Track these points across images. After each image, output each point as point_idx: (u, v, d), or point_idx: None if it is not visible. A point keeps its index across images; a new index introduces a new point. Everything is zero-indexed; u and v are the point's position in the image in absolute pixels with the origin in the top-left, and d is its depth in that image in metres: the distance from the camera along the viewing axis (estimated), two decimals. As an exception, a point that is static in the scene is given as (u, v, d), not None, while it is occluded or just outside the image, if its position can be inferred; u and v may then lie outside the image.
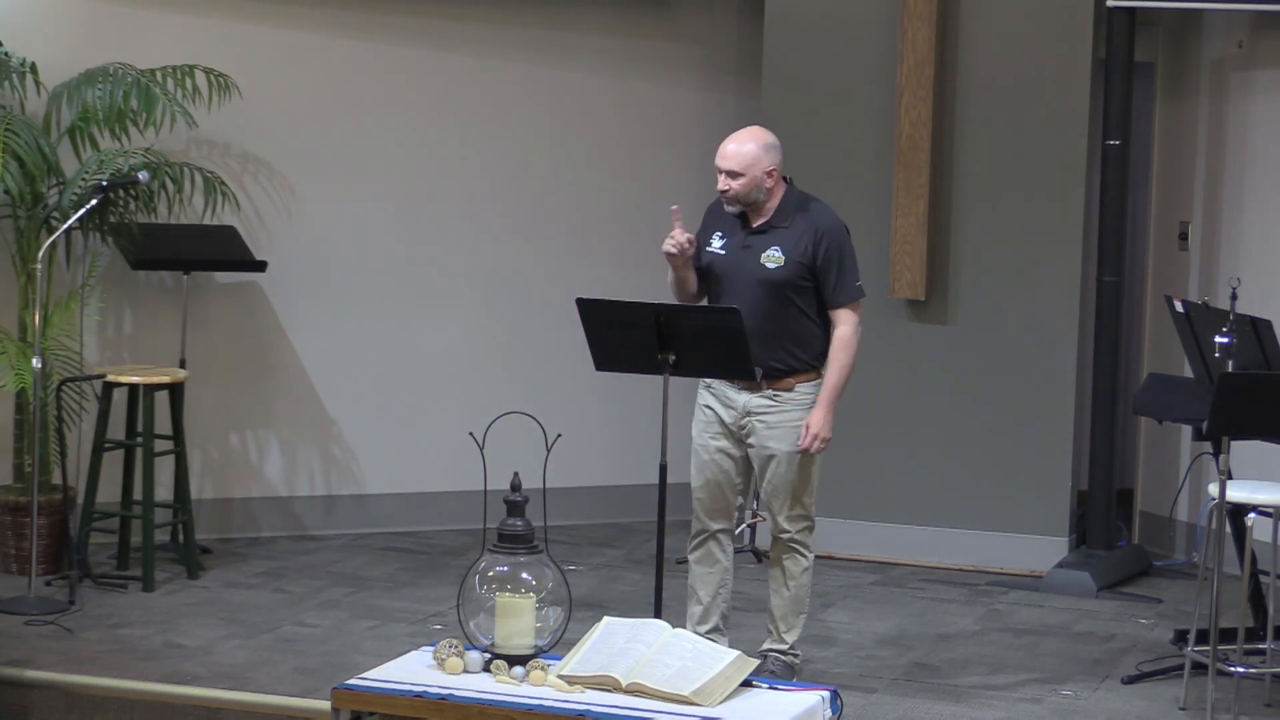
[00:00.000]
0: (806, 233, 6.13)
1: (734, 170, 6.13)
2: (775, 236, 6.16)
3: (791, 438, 6.15)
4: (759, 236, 6.19)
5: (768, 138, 6.21)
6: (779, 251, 6.15)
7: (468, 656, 4.88)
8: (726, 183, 6.15)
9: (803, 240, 6.13)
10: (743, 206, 6.19)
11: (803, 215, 6.17)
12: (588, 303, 6.31)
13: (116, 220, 7.68)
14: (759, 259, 6.15)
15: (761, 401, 6.18)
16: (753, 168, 6.13)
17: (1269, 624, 6.45)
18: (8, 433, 7.75)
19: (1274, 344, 6.27)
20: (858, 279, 6.21)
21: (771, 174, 6.16)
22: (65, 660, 6.35)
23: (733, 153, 6.15)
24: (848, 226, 6.28)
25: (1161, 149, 8.72)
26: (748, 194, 6.15)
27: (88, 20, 8.03)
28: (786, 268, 6.12)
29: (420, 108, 8.68)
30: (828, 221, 6.18)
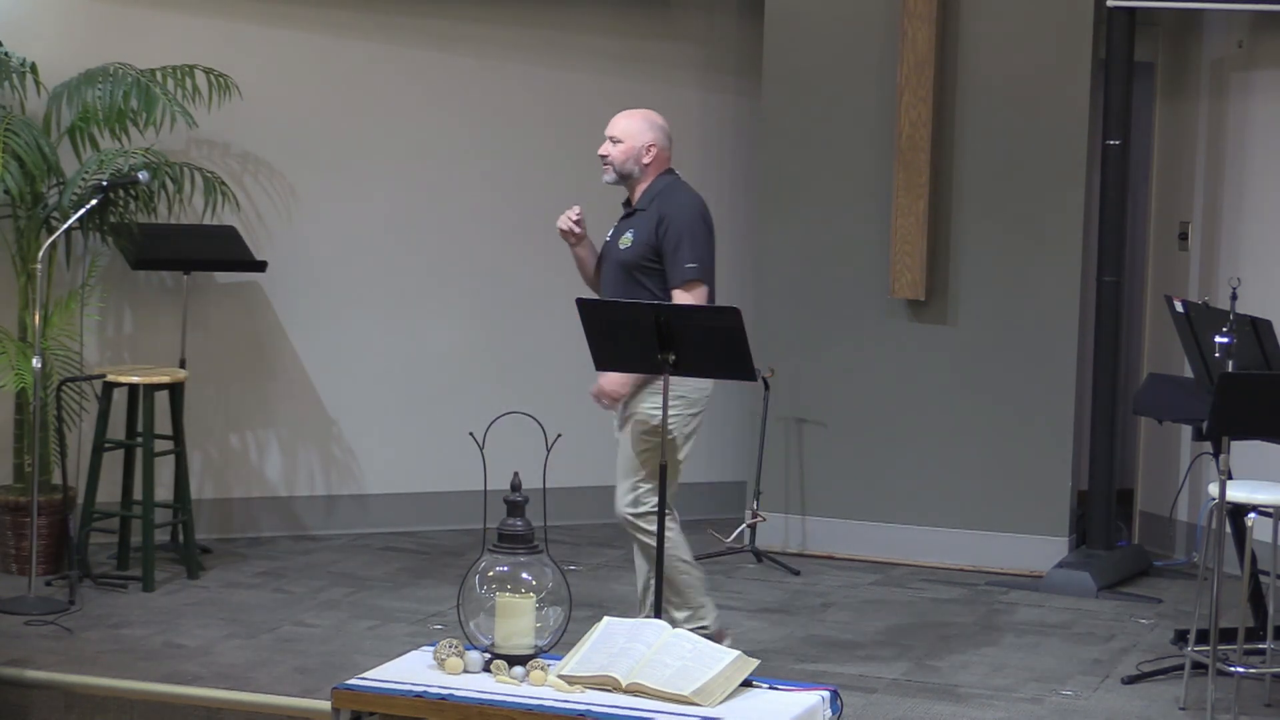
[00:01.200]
0: (655, 216, 6.25)
1: (615, 136, 6.31)
2: (634, 220, 6.33)
3: (637, 418, 6.23)
4: (625, 220, 6.37)
5: (658, 119, 6.36)
6: (631, 234, 6.30)
7: (468, 656, 4.88)
8: (607, 148, 6.31)
9: (650, 223, 6.25)
10: (618, 178, 6.32)
11: (660, 199, 6.28)
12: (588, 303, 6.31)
13: (116, 220, 7.68)
14: (619, 241, 6.31)
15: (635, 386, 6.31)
16: (633, 138, 6.28)
17: (1269, 624, 6.45)
18: (8, 433, 7.75)
19: (1274, 344, 6.27)
20: (692, 261, 6.23)
21: (650, 150, 6.29)
22: (65, 660, 6.35)
23: (618, 122, 6.35)
24: (707, 214, 6.32)
25: (1161, 149, 8.72)
26: (623, 163, 6.29)
27: (88, 20, 8.03)
28: (634, 250, 6.26)
29: (420, 108, 8.68)
30: (675, 205, 6.27)
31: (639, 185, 6.33)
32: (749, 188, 8.98)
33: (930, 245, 8.22)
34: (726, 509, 8.94)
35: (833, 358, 8.43)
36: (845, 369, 8.41)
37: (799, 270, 8.47)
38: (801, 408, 8.48)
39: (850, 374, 8.41)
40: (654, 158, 6.32)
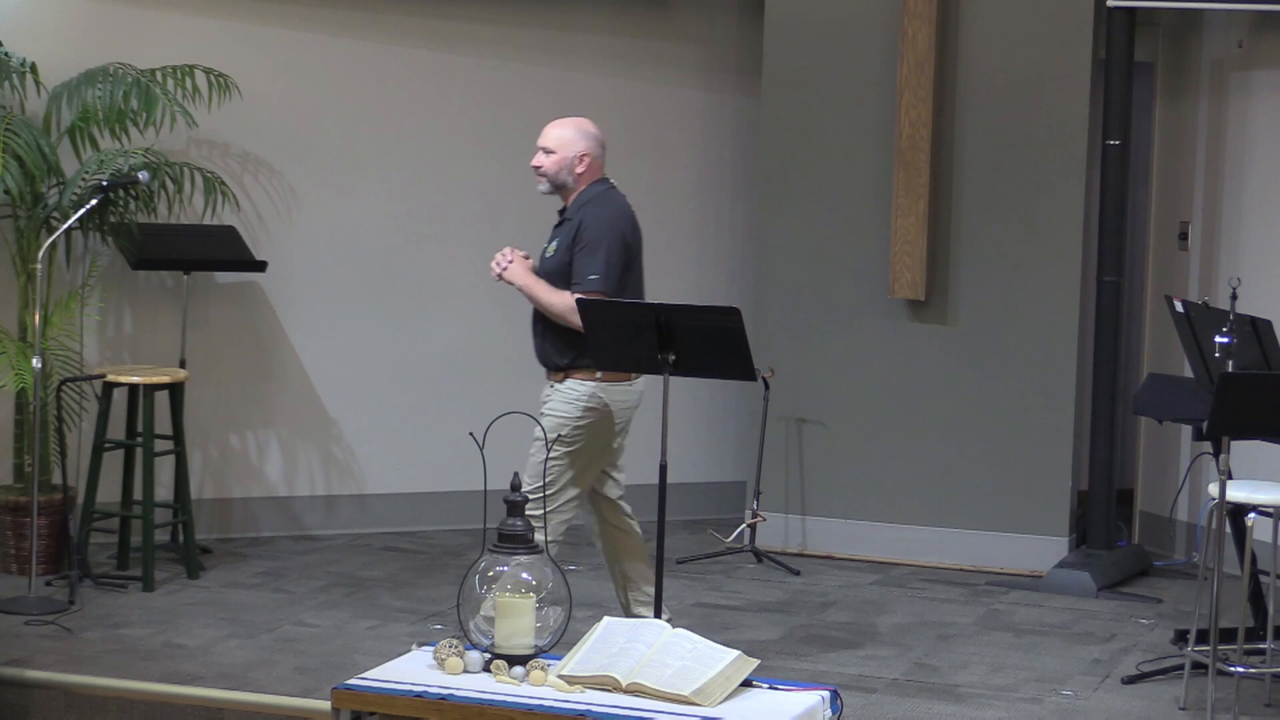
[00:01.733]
0: (573, 223, 6.24)
1: (547, 146, 6.29)
2: (561, 228, 6.32)
3: (546, 425, 6.17)
4: (555, 229, 6.36)
5: (591, 129, 6.34)
6: (555, 243, 6.29)
7: (468, 656, 4.88)
8: (539, 158, 6.29)
9: (572, 233, 6.23)
10: (553, 187, 6.31)
11: (586, 210, 6.26)
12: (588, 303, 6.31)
13: (116, 220, 7.68)
14: (546, 250, 6.33)
15: (548, 391, 6.33)
16: (565, 148, 6.26)
17: (1269, 624, 6.45)
18: (8, 433, 7.75)
19: (1274, 344, 6.27)
20: (595, 272, 6.19)
21: (583, 160, 6.27)
22: (65, 660, 6.35)
23: (550, 131, 6.31)
24: (629, 230, 6.30)
25: (1161, 149, 8.72)
26: (556, 173, 6.28)
27: (88, 20, 8.03)
28: (554, 258, 6.26)
29: (420, 107, 8.68)
30: (595, 216, 6.24)
31: (571, 194, 6.31)
32: (749, 188, 8.99)
33: (930, 245, 8.22)
34: (726, 509, 8.94)
35: (832, 357, 8.43)
36: (845, 369, 8.41)
37: (799, 270, 8.47)
38: (801, 407, 8.48)
39: (850, 374, 8.41)
40: (587, 167, 6.28)
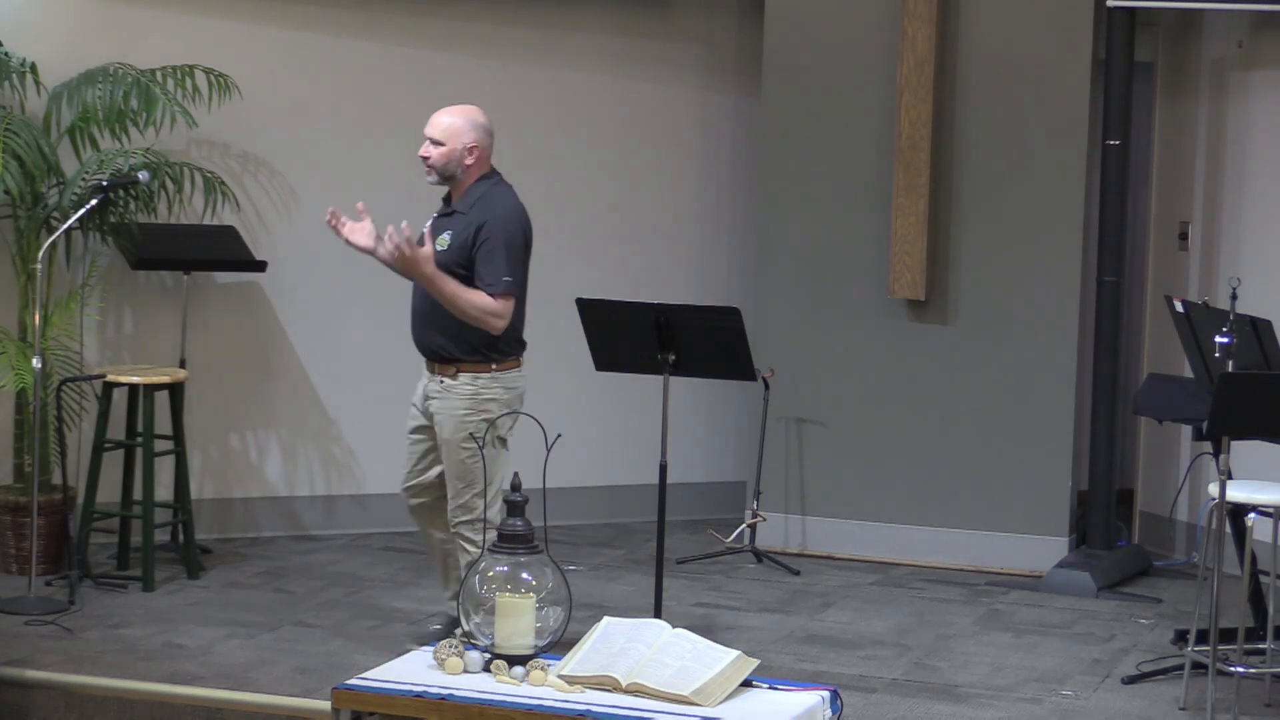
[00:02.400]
0: (475, 221, 6.15)
1: (436, 138, 6.21)
2: (453, 220, 6.22)
3: (453, 426, 6.17)
4: (444, 220, 6.27)
5: (480, 117, 6.27)
6: (448, 235, 6.20)
7: (468, 656, 4.88)
8: (428, 149, 6.22)
9: (470, 227, 6.15)
10: (441, 179, 6.24)
11: (481, 204, 6.19)
12: (587, 303, 6.32)
13: (116, 220, 7.68)
14: (436, 241, 6.20)
15: (434, 387, 6.26)
16: (454, 139, 6.19)
17: (1269, 624, 6.45)
18: (8, 433, 7.75)
19: (1274, 344, 6.27)
20: (509, 275, 6.12)
21: (473, 151, 6.20)
22: (65, 660, 6.35)
23: (439, 121, 6.24)
24: (528, 227, 6.24)
25: (1161, 149, 8.72)
26: (445, 165, 6.21)
27: (88, 20, 8.03)
28: (449, 253, 6.15)
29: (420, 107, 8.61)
30: (495, 212, 6.17)
31: (461, 186, 6.24)
32: (749, 188, 8.99)
33: (930, 245, 8.22)
34: (726, 509, 8.94)
35: (833, 358, 8.43)
36: (845, 369, 8.41)
37: (799, 270, 8.47)
38: (801, 408, 8.48)
39: (850, 374, 8.41)
40: (476, 158, 6.22)
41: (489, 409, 6.17)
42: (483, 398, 6.18)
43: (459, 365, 6.19)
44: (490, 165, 6.29)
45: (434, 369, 6.26)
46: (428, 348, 6.26)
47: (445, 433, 6.23)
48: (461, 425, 6.16)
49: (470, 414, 6.17)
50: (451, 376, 6.20)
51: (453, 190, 6.27)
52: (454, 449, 6.21)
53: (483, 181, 6.24)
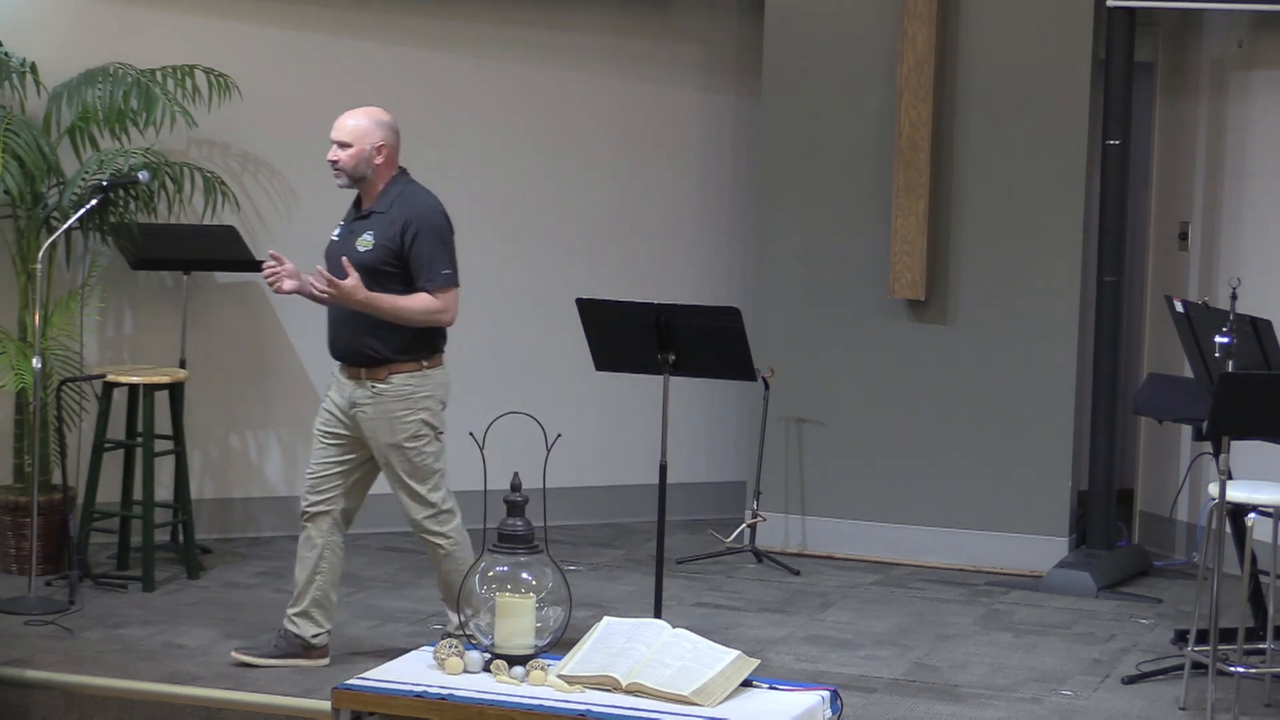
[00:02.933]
0: (399, 219, 6.13)
1: (343, 140, 6.16)
2: (372, 221, 6.17)
3: (391, 429, 6.15)
4: (361, 221, 6.21)
5: (385, 117, 6.24)
6: (370, 236, 6.15)
7: (468, 656, 4.88)
8: (336, 153, 6.16)
9: (394, 226, 6.12)
10: (351, 181, 6.19)
11: (401, 202, 6.17)
12: (587, 303, 6.31)
13: (116, 220, 7.68)
14: (354, 243, 6.14)
15: (361, 394, 6.18)
16: (362, 140, 6.15)
17: (1269, 624, 6.45)
18: (8, 433, 7.75)
19: (1274, 344, 6.27)
20: (447, 268, 6.15)
21: (381, 150, 6.17)
22: (65, 660, 6.35)
23: (344, 124, 6.18)
24: (449, 217, 6.26)
25: (1161, 149, 8.72)
26: (354, 167, 6.16)
27: (88, 20, 8.03)
28: (374, 252, 6.11)
29: (419, 107, 8.67)
30: (418, 209, 6.17)
31: (373, 187, 6.20)
32: (749, 188, 8.99)
33: (930, 245, 8.22)
34: (726, 509, 8.94)
35: (833, 358, 8.43)
36: (845, 369, 8.41)
37: (799, 270, 8.47)
38: (801, 408, 8.48)
39: (850, 374, 8.41)
40: (385, 158, 6.20)
41: (425, 406, 6.19)
42: (419, 395, 6.18)
43: (390, 366, 6.15)
44: (399, 165, 6.28)
45: (360, 375, 6.17)
46: (355, 352, 6.16)
47: (384, 437, 6.17)
48: (403, 427, 6.15)
49: (408, 414, 6.16)
50: (383, 380, 6.15)
51: (363, 193, 6.23)
52: (399, 451, 6.19)
53: (396, 181, 6.23)
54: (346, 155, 6.15)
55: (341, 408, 6.23)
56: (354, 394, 6.19)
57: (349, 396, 6.20)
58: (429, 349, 6.24)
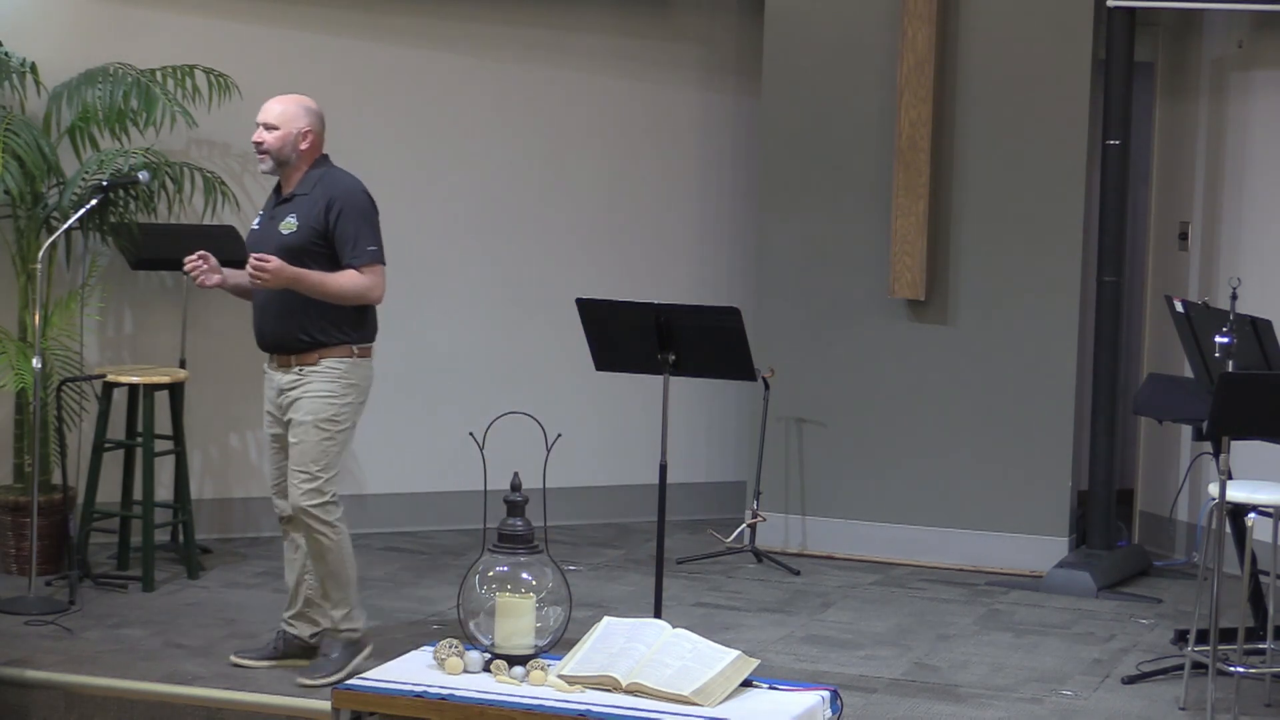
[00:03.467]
0: (321, 200, 6.13)
1: (270, 123, 6.17)
2: (295, 205, 6.16)
3: (315, 406, 6.10)
4: (283, 206, 6.20)
5: (312, 104, 6.28)
6: (294, 218, 6.13)
7: (468, 656, 4.88)
8: (262, 135, 6.17)
9: (317, 207, 6.12)
10: (275, 166, 6.18)
11: (323, 184, 6.17)
12: (588, 303, 6.31)
13: (116, 220, 7.69)
14: (279, 227, 6.13)
15: (288, 379, 6.15)
16: (289, 123, 6.17)
17: (1269, 624, 6.45)
18: (8, 433, 7.75)
19: (1274, 344, 6.27)
20: (373, 244, 6.15)
21: (307, 136, 6.18)
22: (65, 660, 6.35)
23: (271, 108, 6.22)
24: (372, 197, 6.25)
25: (1161, 149, 8.72)
26: (280, 150, 6.16)
27: (88, 20, 8.03)
28: (299, 234, 6.09)
29: (420, 108, 8.68)
30: (342, 188, 6.17)
31: (295, 172, 6.20)
32: (749, 188, 8.99)
33: (930, 245, 8.22)
34: (726, 509, 8.95)
35: (833, 358, 8.43)
36: (845, 369, 8.41)
37: (799, 270, 8.47)
38: (801, 408, 8.48)
39: (850, 374, 8.41)
40: (310, 143, 6.21)
41: (350, 395, 6.15)
42: (346, 381, 6.13)
43: (321, 351, 6.11)
44: (323, 150, 6.28)
45: (290, 362, 6.13)
46: (287, 339, 6.12)
47: (303, 414, 6.11)
48: (325, 405, 6.10)
49: (333, 395, 6.11)
50: (314, 364, 6.12)
51: (285, 179, 6.23)
52: (314, 429, 6.11)
53: (318, 165, 6.24)
54: (273, 137, 6.16)
55: (276, 403, 6.21)
56: (282, 381, 6.16)
57: (278, 385, 6.18)
58: (361, 337, 6.20)
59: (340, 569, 6.21)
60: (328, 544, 6.18)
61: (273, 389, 6.21)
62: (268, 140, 6.17)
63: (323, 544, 6.18)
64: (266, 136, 6.17)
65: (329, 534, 6.18)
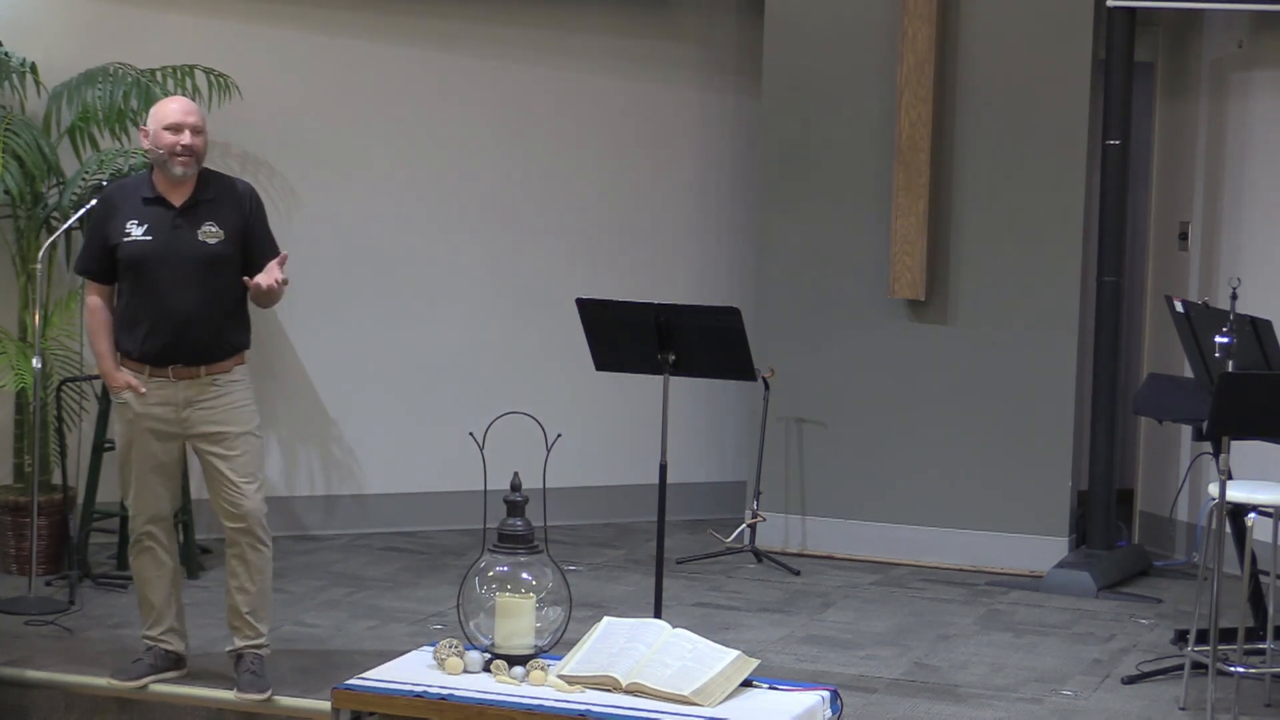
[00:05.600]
0: (232, 203, 5.96)
1: (198, 126, 5.92)
2: (206, 211, 5.91)
3: (244, 418, 5.98)
4: (188, 214, 5.90)
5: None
6: (213, 226, 5.90)
7: (468, 656, 4.89)
8: (193, 139, 5.88)
9: (232, 211, 5.94)
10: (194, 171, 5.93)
11: (220, 187, 5.99)
12: (588, 303, 6.31)
13: (116, 220, 7.68)
14: (196, 236, 5.88)
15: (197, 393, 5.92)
16: (205, 127, 6.00)
17: (1269, 624, 6.45)
18: (8, 433, 7.75)
19: (1274, 344, 6.27)
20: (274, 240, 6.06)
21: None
22: (65, 660, 6.35)
23: (194, 109, 5.94)
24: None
25: (1161, 149, 8.72)
26: (204, 155, 5.95)
27: (88, 20, 8.03)
28: (227, 241, 5.90)
29: (420, 108, 8.68)
30: (246, 188, 6.04)
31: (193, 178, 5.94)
32: (749, 188, 8.99)
33: (930, 245, 8.22)
34: (726, 509, 8.95)
35: (833, 358, 8.43)
36: (845, 369, 8.41)
37: (799, 270, 8.47)
38: (801, 408, 8.48)
39: (850, 374, 8.41)
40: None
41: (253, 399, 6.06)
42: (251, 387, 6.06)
43: (235, 357, 5.98)
44: None
45: (199, 373, 5.92)
46: (214, 349, 5.92)
47: (237, 425, 5.97)
48: (253, 413, 6.02)
49: (252, 402, 6.04)
50: (227, 372, 5.96)
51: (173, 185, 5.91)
52: (251, 439, 6.01)
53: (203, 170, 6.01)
54: (202, 141, 5.95)
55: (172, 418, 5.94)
56: (188, 394, 5.92)
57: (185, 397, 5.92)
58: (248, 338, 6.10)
59: (270, 584, 6.16)
60: (268, 555, 6.12)
61: (163, 404, 5.92)
62: (199, 144, 5.93)
63: (264, 556, 6.11)
64: (199, 141, 5.92)
65: (269, 545, 6.13)
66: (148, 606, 6.13)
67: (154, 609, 6.13)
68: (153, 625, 6.14)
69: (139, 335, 5.92)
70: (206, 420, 5.96)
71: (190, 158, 5.90)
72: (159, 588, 6.13)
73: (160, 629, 6.14)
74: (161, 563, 6.14)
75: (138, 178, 6.13)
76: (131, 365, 5.95)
